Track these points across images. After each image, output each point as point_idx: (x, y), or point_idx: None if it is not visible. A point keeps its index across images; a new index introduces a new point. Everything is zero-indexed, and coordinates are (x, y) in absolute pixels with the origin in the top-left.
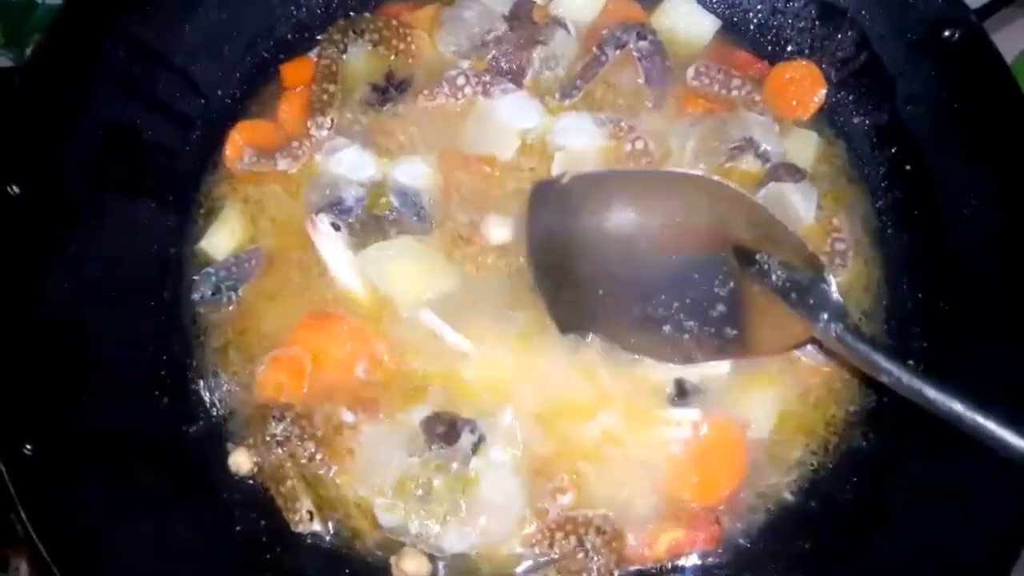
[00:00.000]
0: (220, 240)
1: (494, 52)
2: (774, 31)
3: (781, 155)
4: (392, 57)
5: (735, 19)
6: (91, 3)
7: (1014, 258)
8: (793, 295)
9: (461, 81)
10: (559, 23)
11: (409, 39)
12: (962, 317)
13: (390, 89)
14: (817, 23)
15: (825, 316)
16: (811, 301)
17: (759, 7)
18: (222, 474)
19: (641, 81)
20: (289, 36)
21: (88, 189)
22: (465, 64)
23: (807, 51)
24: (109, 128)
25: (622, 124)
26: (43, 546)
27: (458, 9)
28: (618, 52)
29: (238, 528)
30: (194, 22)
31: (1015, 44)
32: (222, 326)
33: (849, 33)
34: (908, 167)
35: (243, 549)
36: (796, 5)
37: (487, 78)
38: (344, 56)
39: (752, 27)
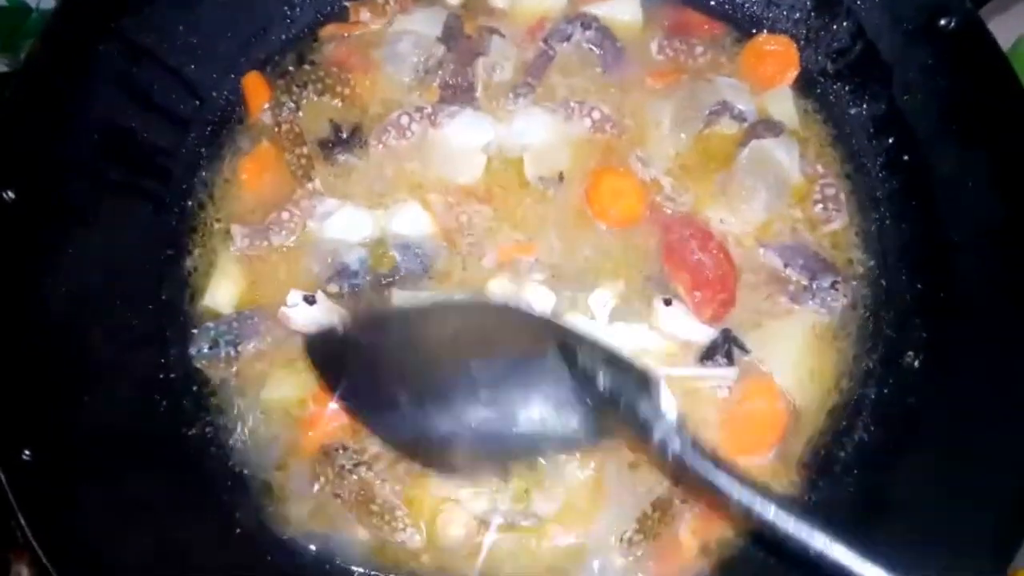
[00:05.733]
0: (221, 293)
1: (440, 75)
2: (769, 21)
3: (755, 113)
4: (339, 103)
5: (729, 9)
6: (85, 6)
7: (1013, 246)
8: (623, 403)
9: (405, 120)
10: (492, 31)
11: (353, 83)
12: (962, 307)
13: (341, 139)
14: (812, 13)
15: (658, 434)
16: (641, 415)
17: None
18: (221, 475)
19: (599, 70)
20: (284, 36)
21: (84, 192)
22: (415, 96)
23: (802, 41)
24: (105, 131)
25: (572, 104)
26: (42, 551)
27: (391, 46)
28: (565, 44)
29: (238, 531)
30: (188, 22)
31: (1012, 31)
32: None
33: (844, 23)
34: (906, 157)
35: (243, 551)
36: None
37: (429, 109)
38: (300, 113)
39: (746, 16)
